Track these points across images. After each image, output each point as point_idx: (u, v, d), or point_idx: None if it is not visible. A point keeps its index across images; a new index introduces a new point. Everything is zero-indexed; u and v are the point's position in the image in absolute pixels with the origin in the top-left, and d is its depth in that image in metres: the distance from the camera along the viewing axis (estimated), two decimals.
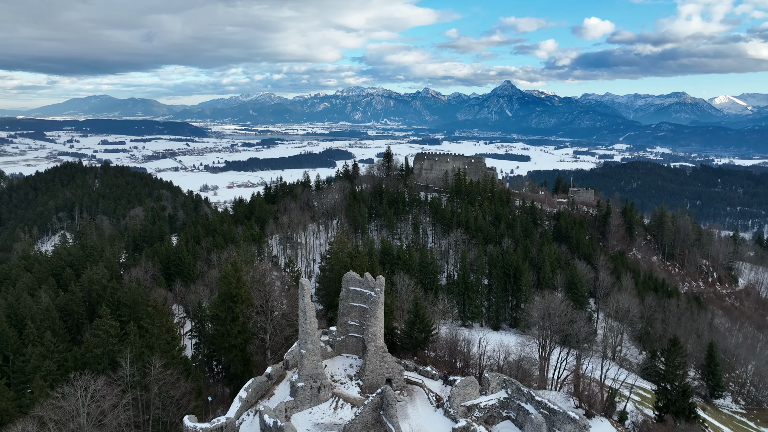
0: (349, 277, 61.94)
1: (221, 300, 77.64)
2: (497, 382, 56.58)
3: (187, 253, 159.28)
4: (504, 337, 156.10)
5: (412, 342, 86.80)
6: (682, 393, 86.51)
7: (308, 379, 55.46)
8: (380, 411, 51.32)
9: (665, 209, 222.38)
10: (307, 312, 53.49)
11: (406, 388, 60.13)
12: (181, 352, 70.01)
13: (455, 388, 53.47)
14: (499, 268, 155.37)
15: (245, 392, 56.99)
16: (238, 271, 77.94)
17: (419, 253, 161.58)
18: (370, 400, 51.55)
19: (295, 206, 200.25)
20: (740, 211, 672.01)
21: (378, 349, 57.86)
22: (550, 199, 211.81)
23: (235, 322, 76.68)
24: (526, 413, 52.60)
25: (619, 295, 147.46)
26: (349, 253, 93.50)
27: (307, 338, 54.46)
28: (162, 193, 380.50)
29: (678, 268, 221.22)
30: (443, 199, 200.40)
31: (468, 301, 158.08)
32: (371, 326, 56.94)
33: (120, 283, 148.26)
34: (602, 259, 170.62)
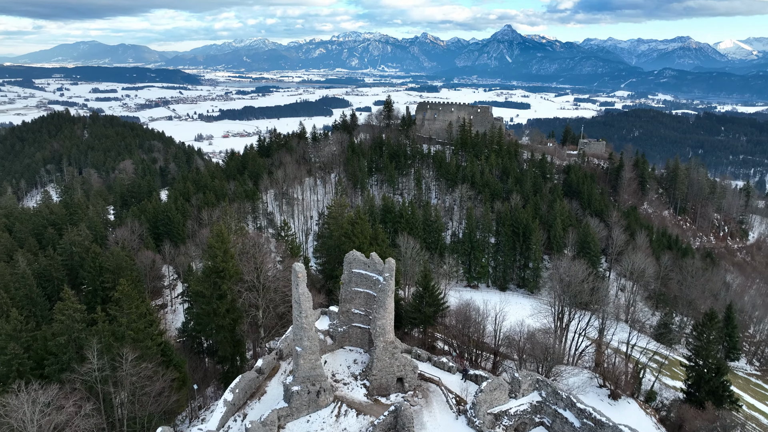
0: (352, 258, 52.64)
1: (206, 275, 68.72)
2: (529, 383, 48.40)
3: (176, 211, 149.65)
4: (512, 297, 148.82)
5: (421, 317, 78.71)
6: (716, 370, 79.10)
7: (305, 381, 47.18)
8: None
9: (679, 162, 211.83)
10: (302, 303, 44.57)
11: (420, 387, 52.02)
12: (160, 338, 61.36)
13: (481, 394, 45.24)
14: (508, 227, 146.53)
15: (231, 394, 48.75)
16: (225, 242, 68.64)
17: (422, 211, 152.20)
18: (380, 421, 43.34)
19: (291, 160, 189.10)
20: (743, 159, 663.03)
21: (387, 345, 49.36)
22: (560, 151, 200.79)
23: (222, 300, 67.97)
24: (564, 421, 44.71)
25: (635, 255, 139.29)
26: (350, 219, 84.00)
27: (303, 334, 45.77)
28: (153, 145, 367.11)
29: (689, 223, 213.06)
30: (447, 152, 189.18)
31: (474, 261, 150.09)
32: (379, 318, 48.22)
33: (105, 245, 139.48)
34: (615, 216, 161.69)
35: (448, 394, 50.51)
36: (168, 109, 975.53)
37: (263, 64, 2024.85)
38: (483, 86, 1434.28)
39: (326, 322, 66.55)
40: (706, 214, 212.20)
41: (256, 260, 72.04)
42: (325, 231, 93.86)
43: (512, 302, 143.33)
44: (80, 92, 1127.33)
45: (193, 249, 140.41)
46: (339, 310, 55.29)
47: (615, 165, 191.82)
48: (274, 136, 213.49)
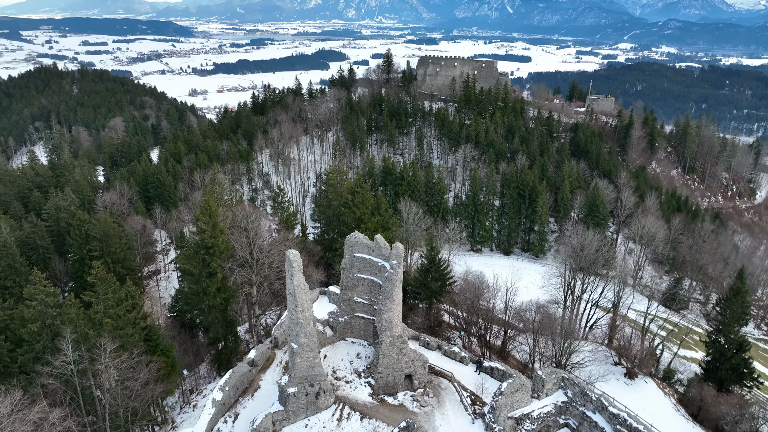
0: (354, 241, 46.79)
1: (194, 252, 63.12)
2: (553, 382, 43.54)
3: (167, 174, 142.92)
4: (516, 262, 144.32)
5: (427, 292, 73.70)
6: (738, 347, 74.81)
7: (302, 382, 42.26)
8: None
9: (690, 119, 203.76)
10: (297, 296, 39.12)
11: (431, 383, 47.22)
12: (144, 322, 56.14)
13: (501, 398, 40.34)
14: (513, 189, 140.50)
15: (220, 392, 43.90)
16: (214, 216, 62.73)
17: (424, 172, 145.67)
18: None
19: (286, 118, 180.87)
20: (746, 114, 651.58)
21: (395, 340, 44.22)
22: (567, 108, 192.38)
23: (212, 278, 62.60)
24: (593, 425, 40.14)
25: (645, 219, 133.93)
26: (350, 187, 77.74)
27: (299, 330, 40.50)
28: (145, 101, 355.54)
29: (697, 183, 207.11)
30: (450, 109, 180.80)
31: (478, 225, 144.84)
32: (386, 311, 42.87)
33: (93, 210, 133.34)
34: (624, 177, 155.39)
35: (462, 392, 45.79)
36: (160, 62, 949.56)
37: (257, 15, 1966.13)
38: (483, 38, 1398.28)
39: (325, 303, 61.41)
40: (715, 173, 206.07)
41: (248, 234, 66.28)
42: (323, 200, 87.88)
43: (518, 267, 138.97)
44: (70, 45, 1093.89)
45: (186, 213, 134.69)
46: (340, 297, 50.03)
47: (624, 123, 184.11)
48: (268, 93, 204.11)
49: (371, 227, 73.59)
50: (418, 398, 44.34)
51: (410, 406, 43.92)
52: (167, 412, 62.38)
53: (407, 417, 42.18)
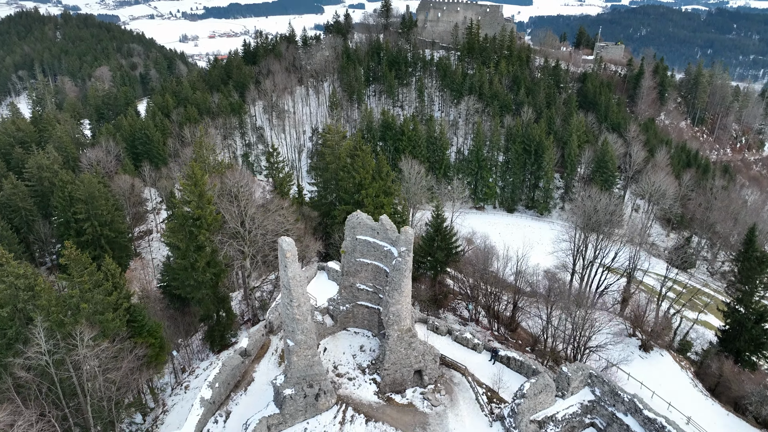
0: (357, 222, 41.38)
1: (179, 224, 57.84)
2: (580, 380, 39.29)
3: (155, 129, 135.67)
4: (520, 220, 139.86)
5: (432, 262, 69.16)
6: (759, 317, 71.12)
7: (300, 382, 37.95)
8: None
9: (702, 67, 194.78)
10: (292, 290, 34.19)
11: (443, 377, 42.99)
12: (127, 302, 51.38)
13: (524, 402, 36.08)
14: (518, 144, 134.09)
15: (209, 390, 39.65)
16: (200, 185, 57.14)
17: (426, 127, 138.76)
18: None
19: (280, 67, 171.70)
20: (753, 60, 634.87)
21: (404, 334, 39.65)
22: (575, 56, 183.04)
23: (200, 252, 57.60)
24: (625, 428, 36.16)
25: (655, 176, 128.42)
26: (349, 149, 71.62)
27: (295, 326, 35.79)
28: (133, 48, 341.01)
29: (706, 134, 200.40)
30: (453, 58, 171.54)
31: (481, 181, 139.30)
32: (394, 303, 38.09)
33: (77, 169, 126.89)
34: (633, 131, 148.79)
35: (477, 389, 41.68)
36: (149, 6, 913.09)
37: None
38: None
39: (324, 280, 56.76)
40: (726, 125, 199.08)
41: (239, 203, 60.83)
42: (320, 162, 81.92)
43: (522, 226, 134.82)
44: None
45: (176, 170, 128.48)
46: (341, 283, 45.18)
47: (634, 72, 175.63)
48: (260, 41, 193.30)
49: (372, 193, 68.20)
50: (428, 396, 40.31)
51: (420, 405, 39.95)
52: (158, 394, 58.76)
53: (417, 419, 38.27)
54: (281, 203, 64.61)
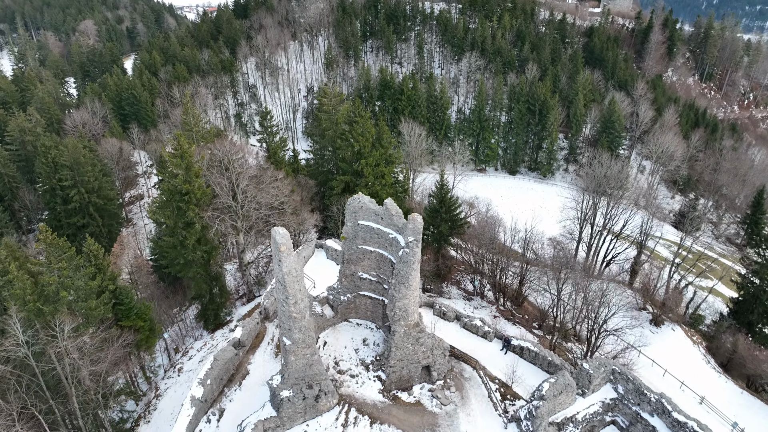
0: (358, 206, 37.37)
1: (166, 200, 53.87)
2: (602, 377, 36.27)
3: (143, 89, 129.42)
4: (523, 182, 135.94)
5: (435, 235, 65.75)
6: None
7: (299, 383, 34.91)
8: None
9: (713, 20, 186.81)
10: (289, 286, 30.69)
11: (452, 371, 40.00)
12: (112, 284, 47.93)
13: (543, 405, 33.14)
14: (522, 103, 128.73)
15: (201, 388, 36.66)
16: (187, 157, 52.88)
17: (426, 85, 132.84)
18: None
19: (272, 21, 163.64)
20: (759, 10, 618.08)
21: (411, 329, 36.39)
22: (581, 9, 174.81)
23: (189, 229, 53.87)
24: (651, 429, 33.39)
25: (663, 136, 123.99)
26: (347, 115, 66.76)
27: (292, 325, 32.46)
28: (119, 0, 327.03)
29: (714, 91, 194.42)
30: (454, 11, 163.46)
31: (482, 143, 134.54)
32: (401, 298, 34.66)
33: (62, 132, 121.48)
34: (641, 88, 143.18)
35: (490, 384, 38.82)
36: None
37: None
38: None
39: (323, 259, 53.35)
40: (734, 80, 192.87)
41: (230, 175, 56.76)
42: (316, 128, 76.96)
43: (525, 188, 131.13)
44: None
45: (166, 132, 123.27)
46: (341, 272, 41.58)
47: (643, 26, 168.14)
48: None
49: (372, 162, 64.01)
50: (437, 394, 37.48)
51: (429, 404, 37.17)
52: (150, 377, 56.21)
53: (426, 420, 35.53)
54: (275, 174, 60.45)
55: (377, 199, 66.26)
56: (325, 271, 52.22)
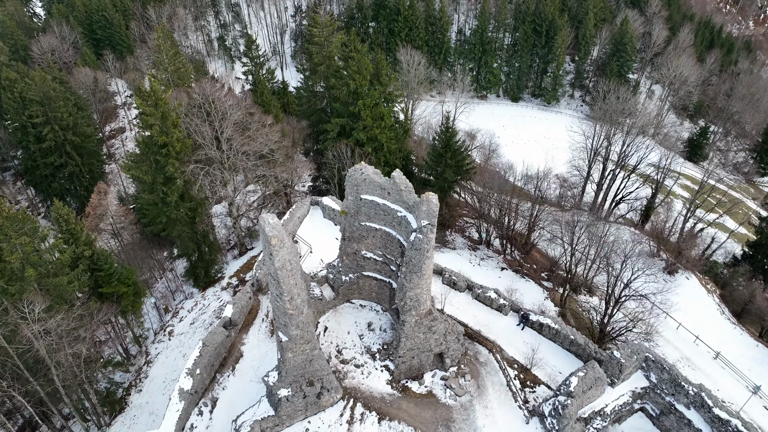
0: (361, 179, 31.89)
1: (142, 154, 48.17)
2: (634, 365, 32.65)
3: (115, 10, 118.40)
4: (526, 110, 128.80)
5: (440, 182, 60.91)
6: None
7: (298, 380, 31.19)
8: None
9: None
10: (282, 282, 26.18)
11: (466, 355, 36.29)
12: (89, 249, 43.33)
13: (571, 403, 29.66)
14: (528, 24, 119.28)
15: (189, 379, 32.98)
16: (162, 105, 46.63)
17: (424, 4, 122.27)
18: None
19: None
20: None
21: (423, 319, 32.30)
22: None
23: (170, 185, 48.64)
24: (685, 422, 30.40)
25: (677, 60, 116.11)
26: (341, 49, 59.01)
27: (288, 321, 28.27)
28: None
29: (730, 5, 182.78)
30: None
31: (484, 67, 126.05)
32: (412, 288, 30.22)
33: (29, 60, 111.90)
34: (655, 5, 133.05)
35: (508, 370, 35.33)
36: None
37: None
38: None
39: (319, 219, 48.69)
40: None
41: (212, 120, 50.73)
42: (306, 63, 69.07)
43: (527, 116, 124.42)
44: None
45: (145, 58, 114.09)
46: (342, 249, 36.75)
47: None
48: None
49: (370, 103, 57.71)
50: (452, 383, 34.11)
51: (442, 395, 33.93)
52: (141, 342, 53.07)
53: (439, 414, 32.39)
54: (263, 119, 54.40)
55: (376, 144, 60.78)
56: (323, 233, 47.71)
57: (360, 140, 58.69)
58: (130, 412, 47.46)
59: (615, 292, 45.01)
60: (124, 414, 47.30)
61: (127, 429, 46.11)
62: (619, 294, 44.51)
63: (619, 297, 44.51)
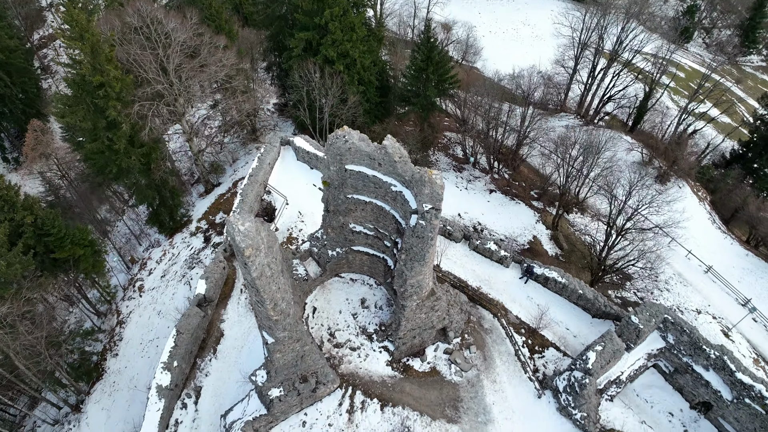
0: (344, 148, 25.45)
1: (75, 96, 40.69)
2: (652, 325, 29.75)
3: None
4: None
5: (421, 101, 55.27)
6: None
7: (290, 377, 27.73)
8: None
9: None
10: (262, 290, 21.62)
11: (470, 324, 32.89)
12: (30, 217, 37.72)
13: (589, 384, 27.06)
14: None
15: (167, 374, 29.13)
16: (90, 37, 38.51)
17: None
18: None
19: None
20: None
21: (425, 301, 28.47)
22: None
23: (114, 129, 41.89)
24: (702, 383, 28.49)
25: None
26: None
27: (274, 325, 24.17)
28: None
29: None
30: None
31: None
32: (414, 275, 25.94)
33: None
34: None
35: (516, 337, 32.40)
36: None
37: None
38: None
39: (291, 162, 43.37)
40: None
41: (155, 45, 42.99)
42: None
43: (505, 1, 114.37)
44: None
45: None
46: (326, 221, 31.45)
47: None
48: None
49: (338, 12, 49.50)
50: (456, 358, 31.28)
51: (446, 372, 31.29)
52: (110, 301, 49.15)
53: (445, 393, 29.99)
54: (215, 40, 46.56)
55: (348, 60, 53.60)
56: (298, 179, 42.54)
57: (329, 57, 51.48)
58: (108, 379, 44.80)
59: (617, 223, 42.18)
60: (102, 381, 44.64)
61: (108, 397, 43.70)
62: (622, 226, 41.73)
63: (622, 229, 41.78)
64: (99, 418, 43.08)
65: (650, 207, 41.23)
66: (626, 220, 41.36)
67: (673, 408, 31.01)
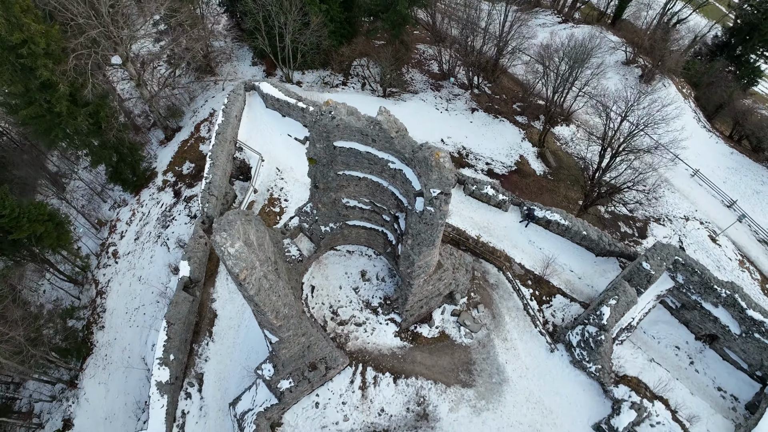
0: (333, 125, 21.14)
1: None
2: (662, 269, 28.32)
3: None
4: None
5: (391, 17, 50.63)
6: None
7: (300, 367, 25.93)
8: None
9: None
10: (262, 305, 19.12)
11: (475, 281, 30.92)
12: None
13: (605, 341, 25.83)
14: None
15: (165, 369, 26.74)
16: None
17: None
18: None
19: None
20: None
21: (431, 276, 26.22)
22: None
23: (51, 90, 36.55)
24: (711, 318, 27.98)
25: None
26: None
27: (277, 329, 21.98)
28: None
29: None
30: None
31: None
32: (422, 258, 23.50)
33: None
34: None
35: (523, 290, 30.94)
36: None
37: None
38: None
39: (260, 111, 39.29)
40: None
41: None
42: None
43: None
44: None
45: None
46: (315, 197, 27.86)
47: None
48: None
49: None
50: (465, 320, 29.94)
51: (456, 334, 30.11)
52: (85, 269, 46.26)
53: (457, 358, 29.07)
54: None
55: None
56: (271, 131, 38.49)
57: None
58: (99, 352, 43.26)
59: (612, 145, 40.20)
60: (93, 355, 43.11)
61: (102, 370, 42.43)
62: (618, 146, 39.80)
63: (618, 149, 39.88)
64: (98, 392, 42.02)
65: (648, 127, 39.10)
66: (624, 140, 39.35)
67: (679, 341, 31.20)
